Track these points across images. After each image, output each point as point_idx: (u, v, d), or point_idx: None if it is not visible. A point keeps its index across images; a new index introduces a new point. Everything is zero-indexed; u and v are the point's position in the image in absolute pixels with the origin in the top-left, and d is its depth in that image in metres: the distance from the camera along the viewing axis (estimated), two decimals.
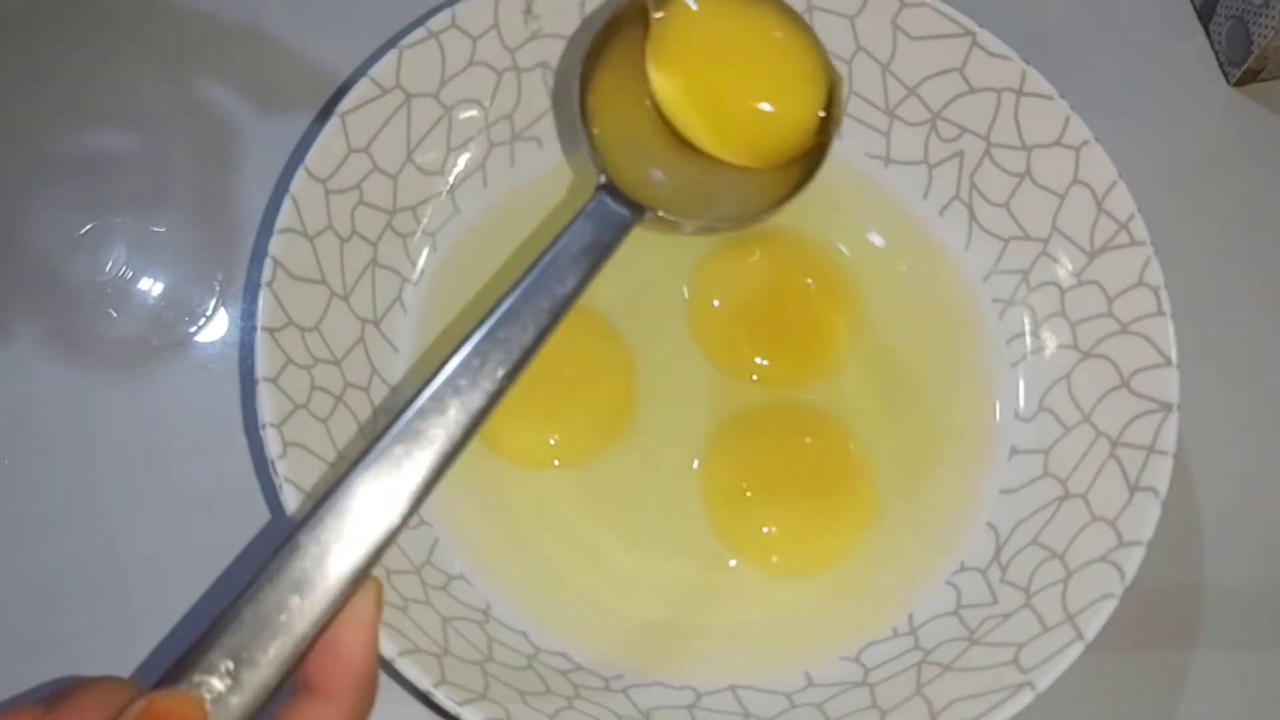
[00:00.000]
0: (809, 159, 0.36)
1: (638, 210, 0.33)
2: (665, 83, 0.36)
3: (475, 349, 0.30)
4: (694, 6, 0.36)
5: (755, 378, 0.38)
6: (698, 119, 0.36)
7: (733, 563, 0.36)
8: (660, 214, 0.34)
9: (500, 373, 0.30)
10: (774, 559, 0.36)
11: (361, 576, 0.27)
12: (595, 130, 0.35)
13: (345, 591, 0.26)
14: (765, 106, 0.36)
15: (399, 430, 0.28)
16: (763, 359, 0.38)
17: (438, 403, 0.29)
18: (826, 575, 0.36)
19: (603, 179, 0.34)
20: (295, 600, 0.26)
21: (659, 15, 0.36)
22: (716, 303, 0.38)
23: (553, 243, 0.32)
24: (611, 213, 0.33)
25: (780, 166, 0.36)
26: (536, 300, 0.31)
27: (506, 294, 0.31)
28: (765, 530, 0.36)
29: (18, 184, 0.40)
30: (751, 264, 0.39)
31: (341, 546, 0.26)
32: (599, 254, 0.32)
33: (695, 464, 0.36)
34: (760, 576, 0.36)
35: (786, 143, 0.36)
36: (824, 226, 0.39)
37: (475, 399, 0.29)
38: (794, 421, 0.37)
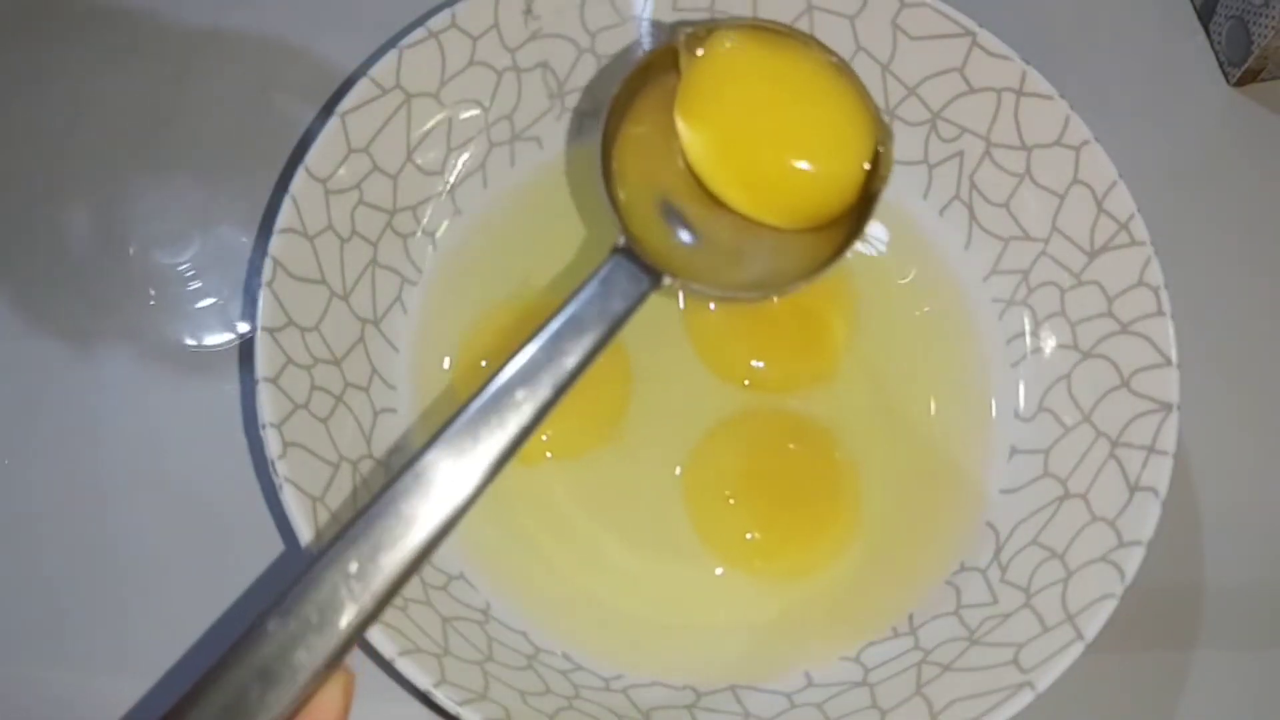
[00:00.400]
0: (849, 221, 0.34)
1: (656, 276, 0.31)
2: (694, 136, 0.34)
3: (467, 425, 0.28)
4: (728, 52, 0.34)
5: (747, 382, 0.38)
6: (729, 176, 0.34)
7: (719, 570, 0.36)
8: (681, 281, 0.32)
9: (494, 453, 0.28)
10: (756, 564, 0.36)
11: (331, 668, 0.25)
12: (617, 187, 0.33)
13: (311, 684, 0.25)
14: (802, 163, 0.34)
15: (378, 510, 0.27)
16: (757, 362, 0.38)
17: (418, 480, 0.27)
18: (825, 576, 0.36)
19: (621, 240, 0.32)
20: (257, 691, 0.24)
21: (691, 59, 0.34)
22: (713, 305, 0.38)
23: (560, 308, 0.30)
24: (628, 278, 0.31)
25: (816, 229, 0.34)
26: (537, 375, 0.29)
27: (504, 366, 0.29)
28: (748, 537, 0.36)
29: (16, 184, 0.40)
30: None
31: (311, 637, 0.25)
32: (610, 325, 0.30)
33: (678, 470, 0.36)
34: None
35: (824, 202, 0.34)
36: None
37: (462, 485, 0.27)
38: (778, 428, 0.37)
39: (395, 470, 0.31)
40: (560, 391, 0.29)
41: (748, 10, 0.39)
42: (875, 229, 0.40)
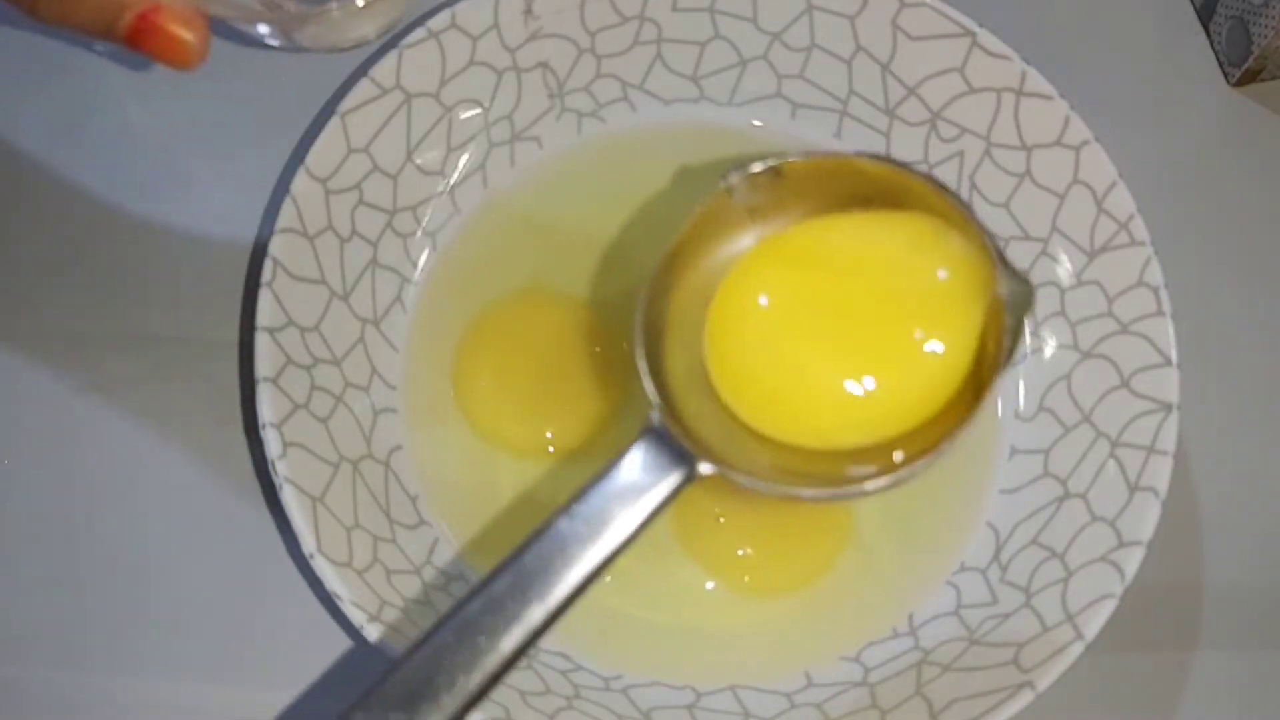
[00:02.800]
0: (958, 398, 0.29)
1: (693, 466, 0.27)
2: (724, 373, 0.29)
3: (454, 641, 0.25)
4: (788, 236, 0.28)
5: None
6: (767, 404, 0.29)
7: (710, 585, 0.35)
8: (724, 470, 0.27)
9: (475, 682, 0.25)
10: (748, 582, 0.36)
11: None
12: (656, 354, 0.29)
13: None
14: (857, 389, 0.28)
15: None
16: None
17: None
18: (823, 581, 0.36)
19: (655, 419, 0.28)
20: None
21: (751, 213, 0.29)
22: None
23: (578, 496, 0.27)
24: (658, 466, 0.27)
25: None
26: (522, 597, 0.26)
27: (505, 566, 0.26)
28: (739, 553, 0.36)
29: (14, 181, 0.40)
30: None
31: None
32: (630, 522, 0.26)
33: None
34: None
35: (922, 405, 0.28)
36: None
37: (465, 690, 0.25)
38: None
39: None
40: (569, 602, 0.26)
41: (748, 10, 0.39)
42: None
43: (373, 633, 0.30)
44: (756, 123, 0.40)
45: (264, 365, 0.33)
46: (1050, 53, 0.37)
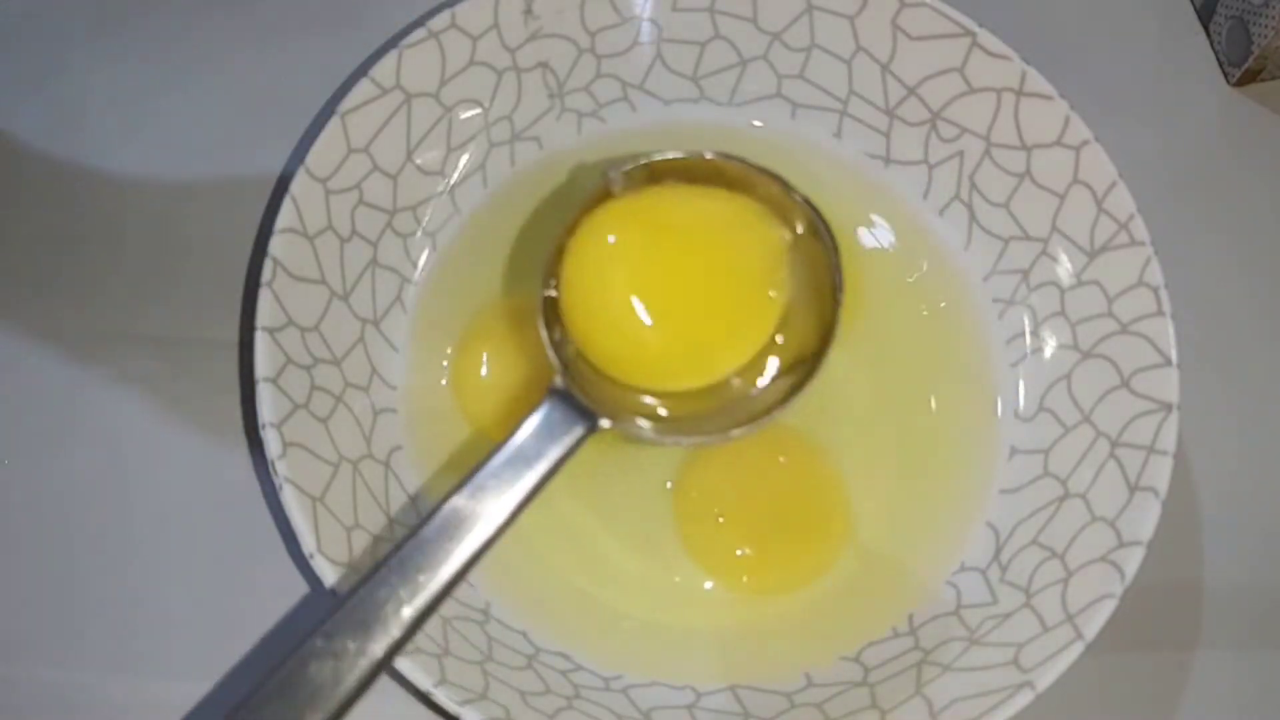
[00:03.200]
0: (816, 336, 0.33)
1: (593, 420, 0.31)
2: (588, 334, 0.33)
3: (384, 577, 0.29)
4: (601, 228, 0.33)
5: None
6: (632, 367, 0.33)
7: (708, 585, 0.35)
8: (620, 424, 0.32)
9: (408, 612, 0.29)
10: (747, 581, 0.36)
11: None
12: (558, 325, 0.33)
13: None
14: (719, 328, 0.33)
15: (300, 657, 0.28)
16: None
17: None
18: (822, 581, 0.36)
19: (559, 382, 0.32)
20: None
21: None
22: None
23: (495, 451, 0.30)
24: (564, 422, 0.31)
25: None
26: (465, 521, 0.30)
27: (434, 511, 0.30)
28: (738, 553, 0.36)
29: (14, 180, 0.40)
30: None
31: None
32: (546, 470, 0.30)
33: (669, 484, 0.36)
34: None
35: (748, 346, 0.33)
36: None
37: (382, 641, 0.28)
38: (767, 440, 0.36)
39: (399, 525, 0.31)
40: (489, 544, 0.30)
41: (748, 10, 0.39)
42: (874, 230, 0.40)
43: None
44: (756, 123, 0.40)
45: (264, 365, 0.33)
46: (1050, 53, 0.37)
